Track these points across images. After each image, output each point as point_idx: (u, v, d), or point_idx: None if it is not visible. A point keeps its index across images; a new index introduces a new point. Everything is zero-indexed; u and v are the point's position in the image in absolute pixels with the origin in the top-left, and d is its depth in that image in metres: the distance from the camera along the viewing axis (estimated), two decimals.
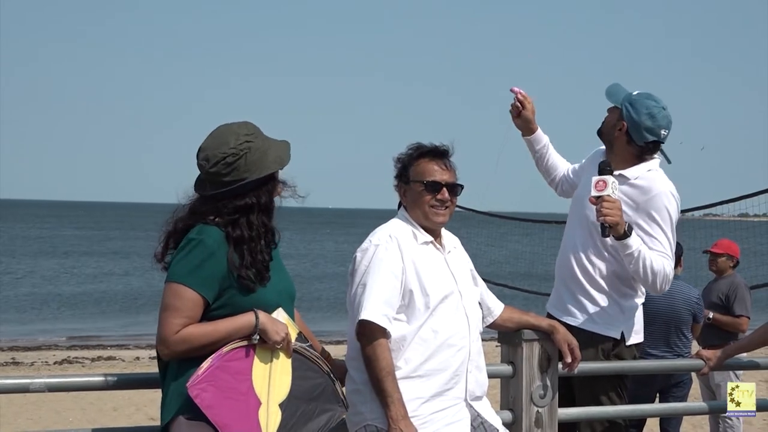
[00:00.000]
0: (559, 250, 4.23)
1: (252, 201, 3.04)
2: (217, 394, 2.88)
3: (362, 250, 3.33)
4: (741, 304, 7.12)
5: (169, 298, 2.95)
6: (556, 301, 4.17)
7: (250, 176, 3.02)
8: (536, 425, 3.77)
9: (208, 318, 2.97)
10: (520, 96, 4.28)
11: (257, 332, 2.96)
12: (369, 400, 3.23)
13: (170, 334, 2.91)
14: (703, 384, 7.27)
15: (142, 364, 15.05)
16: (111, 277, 35.54)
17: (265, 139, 3.10)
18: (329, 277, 36.31)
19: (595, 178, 3.76)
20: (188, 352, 2.94)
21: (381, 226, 3.42)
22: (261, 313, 2.98)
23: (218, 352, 2.92)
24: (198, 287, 2.94)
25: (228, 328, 2.95)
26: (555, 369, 3.83)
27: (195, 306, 2.94)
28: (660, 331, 6.28)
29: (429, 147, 3.46)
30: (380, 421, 3.20)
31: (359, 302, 3.22)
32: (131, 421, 9.61)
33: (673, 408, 5.68)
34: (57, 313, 24.92)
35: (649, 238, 3.86)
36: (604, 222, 3.71)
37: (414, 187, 3.41)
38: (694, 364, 4.48)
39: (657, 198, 3.90)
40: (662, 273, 3.83)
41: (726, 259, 7.34)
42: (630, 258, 3.78)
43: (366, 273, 3.26)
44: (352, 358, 3.33)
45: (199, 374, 2.88)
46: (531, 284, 20.11)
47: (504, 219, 18.02)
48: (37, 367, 14.42)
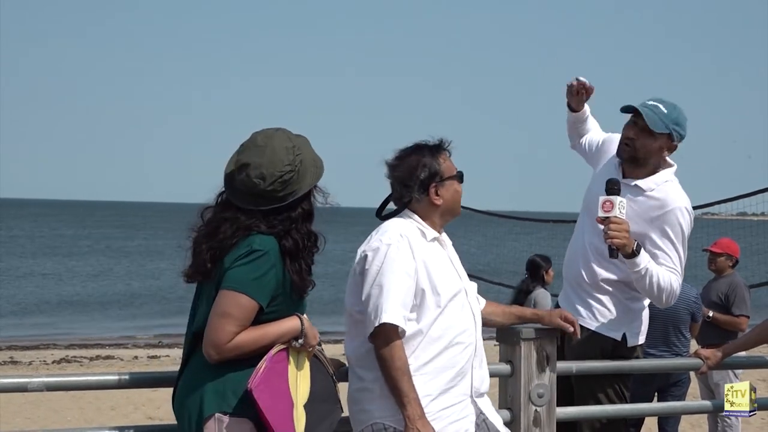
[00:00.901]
0: (568, 249, 4.23)
1: (300, 211, 3.07)
2: (270, 396, 2.93)
3: (373, 249, 3.28)
4: (740, 304, 7.12)
5: (229, 305, 2.95)
6: (564, 299, 4.19)
7: (300, 188, 3.05)
8: (534, 424, 3.77)
9: (257, 321, 3.00)
10: (583, 88, 4.24)
11: (302, 336, 3.02)
12: (377, 398, 3.24)
13: (224, 341, 2.93)
14: (702, 383, 7.27)
15: (140, 363, 15.05)
16: (109, 276, 35.53)
17: (303, 142, 3.12)
18: (328, 276, 36.33)
19: (602, 198, 3.74)
20: (237, 357, 2.98)
21: (386, 224, 3.39)
22: (305, 318, 3.06)
23: (269, 354, 2.97)
24: (260, 297, 2.97)
25: (276, 333, 3.00)
26: (553, 368, 3.83)
27: (252, 315, 2.98)
28: (658, 331, 6.29)
29: (438, 143, 3.46)
30: (390, 419, 3.21)
31: (377, 304, 3.19)
32: (129, 420, 9.61)
33: (671, 407, 5.68)
34: (55, 312, 24.92)
35: (659, 252, 3.86)
36: (611, 244, 3.71)
37: (449, 184, 3.41)
38: (692, 363, 4.48)
39: (671, 213, 3.88)
40: (668, 289, 3.84)
41: (725, 258, 7.34)
42: (637, 275, 3.80)
43: (380, 273, 3.23)
44: (359, 357, 3.32)
45: (258, 375, 2.92)
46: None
47: (502, 218, 18.02)
48: (36, 366, 14.41)
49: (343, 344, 3.50)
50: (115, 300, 27.97)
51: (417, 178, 3.37)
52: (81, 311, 25.32)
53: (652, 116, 3.84)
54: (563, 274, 4.23)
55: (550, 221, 16.17)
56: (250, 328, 2.97)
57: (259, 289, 2.96)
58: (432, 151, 3.42)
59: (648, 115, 3.83)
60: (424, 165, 3.38)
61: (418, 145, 3.45)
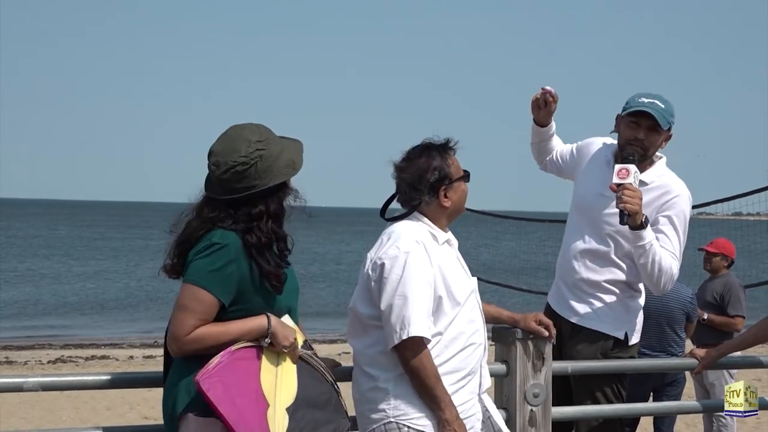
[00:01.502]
0: (561, 250, 4.23)
1: (262, 209, 3.04)
2: (227, 390, 2.88)
3: (391, 257, 3.23)
4: (736, 304, 7.14)
5: (186, 299, 2.95)
6: (558, 298, 4.18)
7: (259, 184, 3.02)
8: (530, 424, 3.77)
9: (221, 319, 2.98)
10: (550, 96, 4.25)
11: (268, 336, 2.97)
12: (391, 397, 3.24)
13: (183, 334, 2.93)
14: (697, 383, 7.29)
15: (135, 363, 15.03)
16: (105, 276, 35.46)
17: (278, 142, 3.08)
18: (325, 277, 36.31)
19: (618, 166, 3.80)
20: (197, 351, 2.96)
21: (398, 229, 3.33)
22: (273, 318, 3.00)
23: (227, 349, 2.93)
24: (217, 292, 2.95)
25: (239, 330, 2.97)
26: (549, 368, 3.83)
27: (211, 309, 2.96)
28: (653, 330, 6.29)
29: (446, 142, 3.43)
30: (403, 417, 3.21)
31: (402, 316, 3.17)
32: (125, 420, 9.60)
33: (667, 407, 5.69)
34: (51, 312, 24.86)
35: (661, 236, 3.90)
36: (624, 209, 3.74)
37: (458, 185, 3.40)
38: (687, 363, 4.49)
39: (677, 200, 3.95)
40: (669, 272, 3.86)
41: (721, 258, 7.35)
42: (641, 250, 3.82)
43: (402, 283, 3.19)
44: (371, 357, 3.29)
45: (210, 368, 2.89)
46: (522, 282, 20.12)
47: (498, 218, 18.01)
48: (31, 366, 14.38)
49: (349, 344, 3.45)
50: (111, 299, 27.91)
51: (427, 181, 3.33)
52: (76, 311, 25.26)
53: (659, 115, 3.90)
54: (557, 274, 4.23)
55: (547, 221, 16.16)
56: (213, 323, 2.96)
57: (217, 282, 2.95)
58: (441, 152, 3.39)
59: (657, 115, 3.89)
60: (435, 168, 3.34)
61: (427, 146, 3.41)
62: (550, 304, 4.24)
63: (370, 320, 3.28)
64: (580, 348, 4.04)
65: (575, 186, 4.28)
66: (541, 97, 4.25)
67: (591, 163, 4.21)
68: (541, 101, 4.27)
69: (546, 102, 4.27)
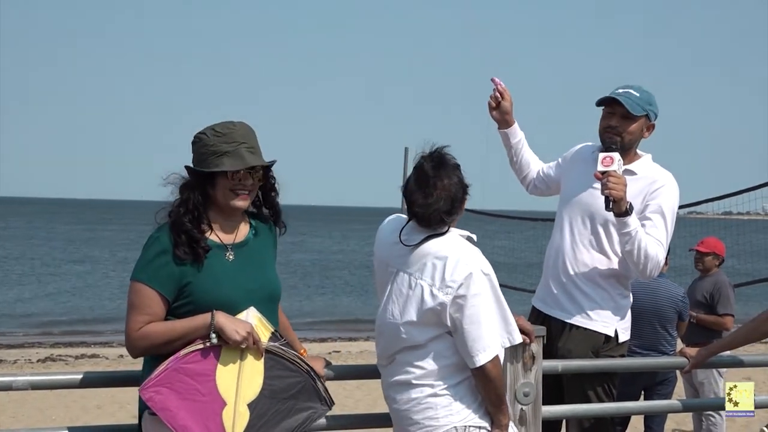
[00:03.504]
0: (549, 247, 4.24)
1: (189, 183, 3.12)
2: (173, 396, 2.91)
3: (466, 276, 3.16)
4: (725, 303, 7.16)
5: (130, 296, 3.04)
6: (545, 296, 4.19)
7: (196, 163, 3.12)
8: (520, 423, 3.78)
9: (174, 316, 3.03)
10: (500, 87, 4.30)
11: (213, 331, 2.97)
12: (453, 402, 3.25)
13: (132, 330, 2.99)
14: (687, 382, 7.31)
15: (126, 361, 14.97)
16: (96, 274, 35.35)
17: (231, 143, 3.08)
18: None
19: (602, 155, 3.85)
20: (149, 350, 3.01)
21: (447, 246, 3.25)
22: (218, 313, 2.99)
23: (175, 355, 2.95)
24: (154, 284, 3.00)
25: (185, 327, 2.99)
26: (539, 367, 3.84)
27: (154, 303, 3.00)
28: (645, 329, 6.31)
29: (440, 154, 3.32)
30: (469, 419, 3.24)
31: (483, 337, 3.18)
32: (115, 419, 9.58)
33: (657, 406, 5.70)
34: (41, 310, 24.76)
35: (649, 224, 3.93)
36: (608, 195, 3.77)
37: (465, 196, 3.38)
38: (677, 362, 4.49)
39: (664, 189, 3.99)
40: (654, 258, 3.88)
41: (712, 258, 7.38)
42: (627, 237, 3.84)
43: (482, 303, 3.19)
44: (431, 372, 3.25)
45: (153, 377, 2.93)
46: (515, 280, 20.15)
47: (491, 217, 18.00)
48: (20, 365, 14.32)
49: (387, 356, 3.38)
50: (101, 298, 27.82)
51: (459, 201, 3.27)
52: (65, 309, 25.16)
53: (629, 102, 3.96)
54: (545, 273, 4.23)
55: (539, 220, 16.17)
56: (161, 322, 3.00)
57: (152, 275, 3.00)
58: (447, 166, 3.28)
59: (626, 101, 3.95)
60: (460, 185, 3.28)
61: (435, 167, 3.27)
62: (535, 306, 4.24)
63: (429, 339, 3.26)
64: (570, 346, 4.05)
65: (562, 186, 4.31)
66: (494, 93, 4.29)
67: (576, 163, 4.25)
68: (493, 98, 4.31)
69: (497, 101, 4.30)
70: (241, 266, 3.13)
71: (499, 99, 4.31)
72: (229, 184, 3.09)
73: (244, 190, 3.13)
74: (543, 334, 3.84)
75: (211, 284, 3.04)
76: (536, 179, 4.50)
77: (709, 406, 6.63)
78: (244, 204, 3.15)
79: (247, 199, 3.15)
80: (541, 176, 4.48)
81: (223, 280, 3.07)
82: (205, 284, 3.04)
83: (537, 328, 3.81)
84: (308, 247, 53.53)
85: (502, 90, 4.30)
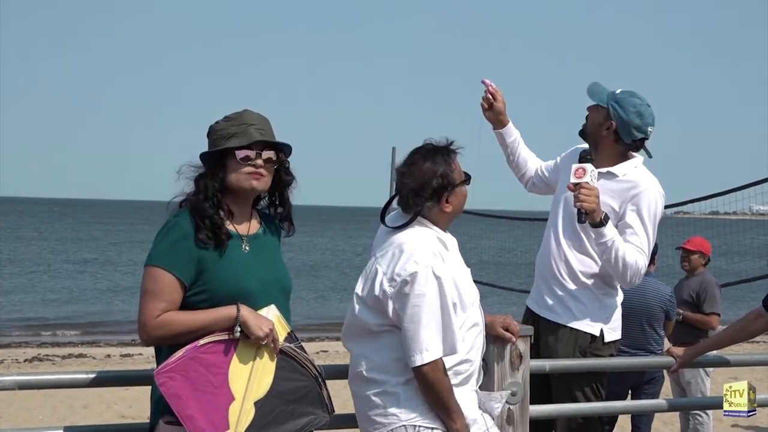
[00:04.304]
0: (540, 247, 4.26)
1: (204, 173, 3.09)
2: (185, 385, 2.86)
3: (410, 273, 3.17)
4: (711, 302, 7.19)
5: (146, 282, 2.95)
6: (536, 297, 4.21)
7: (213, 144, 3.09)
8: (507, 422, 3.78)
9: (187, 305, 2.95)
10: (491, 88, 4.31)
11: (238, 325, 2.92)
12: (402, 401, 3.23)
13: (150, 318, 2.90)
14: (674, 381, 7.34)
15: (113, 361, 14.94)
16: (86, 274, 35.21)
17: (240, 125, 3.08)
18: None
19: (575, 166, 3.83)
20: (165, 339, 2.93)
21: (410, 240, 3.26)
22: (243, 307, 2.95)
23: (194, 343, 2.90)
24: (174, 269, 2.93)
25: (208, 319, 2.93)
26: (527, 366, 3.84)
27: (173, 290, 2.93)
28: (633, 328, 6.32)
29: (448, 146, 3.37)
30: (418, 419, 3.21)
31: (425, 337, 3.15)
32: (102, 419, 9.55)
33: (644, 405, 5.72)
34: (28, 310, 24.65)
35: (629, 231, 3.92)
36: (581, 208, 3.76)
37: (460, 189, 3.36)
38: (665, 361, 4.51)
39: (644, 194, 3.95)
40: (634, 266, 3.88)
41: (699, 256, 7.40)
42: (603, 247, 3.84)
43: (422, 302, 3.16)
44: (381, 367, 3.26)
45: (170, 362, 2.87)
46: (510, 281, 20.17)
47: (480, 216, 18.01)
48: (7, 364, 14.25)
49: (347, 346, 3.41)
50: (90, 297, 27.72)
51: (431, 187, 3.28)
52: (54, 309, 25.07)
53: (592, 87, 4.00)
54: (536, 272, 4.25)
55: (528, 219, 16.19)
56: (181, 311, 2.94)
57: (170, 258, 2.94)
58: (444, 157, 3.33)
59: (589, 87, 3.99)
60: (439, 174, 3.28)
61: (431, 150, 3.34)
62: (528, 306, 4.26)
63: (380, 328, 3.25)
64: (557, 346, 4.06)
65: (556, 187, 4.32)
66: (485, 94, 4.31)
67: (567, 165, 4.25)
68: (485, 100, 4.32)
69: (489, 102, 4.31)
70: (257, 258, 3.10)
71: (491, 100, 4.32)
72: (239, 165, 3.06)
73: (255, 170, 3.08)
74: (530, 333, 3.85)
75: (229, 273, 3.00)
76: (534, 177, 4.50)
77: (696, 406, 6.66)
78: (258, 185, 3.10)
79: (260, 179, 3.10)
80: (539, 175, 4.49)
81: (241, 270, 3.03)
82: (223, 273, 2.99)
83: (523, 328, 3.82)
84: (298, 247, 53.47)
85: (494, 91, 4.31)
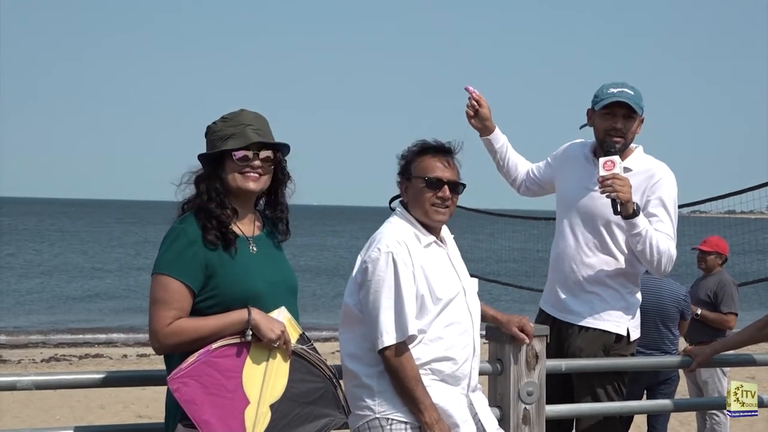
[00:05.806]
0: (553, 248, 4.22)
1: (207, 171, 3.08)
2: (200, 390, 2.84)
3: (372, 260, 3.25)
4: (729, 302, 7.15)
5: (155, 290, 2.93)
6: (553, 300, 4.17)
7: (210, 146, 3.08)
8: (524, 422, 3.77)
9: (197, 311, 2.94)
10: (474, 95, 4.28)
11: (250, 328, 2.91)
12: (376, 393, 3.25)
13: (161, 326, 2.88)
14: (690, 381, 7.30)
15: (129, 361, 15.01)
16: (100, 273, 35.38)
17: (237, 126, 3.07)
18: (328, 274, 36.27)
19: (603, 159, 3.84)
20: (179, 347, 2.91)
21: (384, 228, 3.37)
22: (254, 310, 2.94)
23: (206, 348, 2.88)
24: (182, 276, 2.91)
25: (219, 324, 2.91)
26: (543, 366, 3.84)
27: (182, 297, 2.91)
28: (648, 328, 6.29)
29: (433, 144, 3.45)
30: (389, 413, 3.23)
31: (382, 322, 3.19)
32: (118, 418, 9.59)
33: (661, 405, 5.69)
34: (45, 311, 24.80)
35: (655, 219, 3.92)
36: (616, 198, 3.77)
37: (415, 183, 3.40)
38: (681, 361, 4.49)
39: (662, 182, 3.99)
40: (667, 254, 3.89)
41: (715, 257, 7.37)
42: (638, 237, 3.84)
43: (381, 287, 3.22)
44: (355, 356, 3.32)
45: (183, 368, 2.85)
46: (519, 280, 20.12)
47: (493, 216, 17.99)
48: (24, 365, 14.35)
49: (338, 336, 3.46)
50: (105, 298, 27.84)
51: (399, 173, 3.47)
52: (70, 309, 25.20)
53: (634, 104, 3.95)
54: (551, 277, 4.21)
55: (542, 218, 16.15)
56: (192, 317, 2.92)
57: (178, 266, 2.92)
58: (425, 149, 3.42)
59: (633, 104, 3.93)
60: (402, 156, 3.46)
61: (422, 142, 3.48)
62: (543, 309, 4.23)
63: (359, 313, 3.31)
64: (582, 346, 4.05)
65: (558, 188, 4.29)
66: (470, 102, 4.28)
67: (569, 163, 4.23)
68: (470, 107, 4.29)
69: (474, 108, 4.28)
70: (264, 259, 3.09)
71: (476, 107, 4.29)
72: (237, 167, 3.05)
73: (253, 171, 3.06)
74: (546, 333, 3.84)
75: (239, 275, 2.98)
76: (527, 180, 4.47)
77: (713, 405, 6.62)
78: (255, 186, 3.08)
79: (257, 181, 3.08)
80: (532, 177, 4.45)
81: (251, 271, 3.01)
82: (233, 275, 2.97)
83: (539, 328, 3.81)
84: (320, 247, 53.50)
85: (478, 97, 4.28)
